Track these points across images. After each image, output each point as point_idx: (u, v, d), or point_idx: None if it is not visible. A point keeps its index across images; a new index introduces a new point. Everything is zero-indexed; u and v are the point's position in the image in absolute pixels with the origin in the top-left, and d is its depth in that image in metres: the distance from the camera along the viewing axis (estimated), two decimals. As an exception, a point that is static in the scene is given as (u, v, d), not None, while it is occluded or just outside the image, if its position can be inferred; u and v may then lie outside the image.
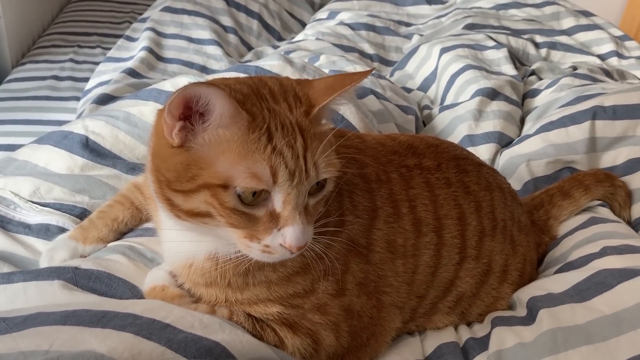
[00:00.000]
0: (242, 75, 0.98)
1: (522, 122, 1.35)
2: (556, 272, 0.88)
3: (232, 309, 0.70)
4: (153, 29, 1.66)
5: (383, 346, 0.77)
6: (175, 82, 1.01)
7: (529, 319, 0.78)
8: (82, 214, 0.87)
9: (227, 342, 0.66)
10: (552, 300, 0.78)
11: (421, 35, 1.82)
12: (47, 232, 0.84)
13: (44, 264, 0.79)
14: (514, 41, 1.64)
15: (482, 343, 0.78)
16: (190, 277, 0.71)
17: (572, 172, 1.11)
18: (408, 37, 1.86)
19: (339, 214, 0.70)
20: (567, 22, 1.85)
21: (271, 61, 1.02)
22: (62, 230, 0.85)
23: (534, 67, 1.55)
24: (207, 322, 0.67)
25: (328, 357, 0.72)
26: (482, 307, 0.85)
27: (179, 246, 0.69)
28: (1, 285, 0.73)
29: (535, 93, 1.42)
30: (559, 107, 1.24)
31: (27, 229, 0.85)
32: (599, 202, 1.02)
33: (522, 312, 0.81)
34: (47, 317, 0.66)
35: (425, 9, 2.04)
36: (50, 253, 0.80)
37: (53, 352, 0.60)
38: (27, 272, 0.75)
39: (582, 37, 1.77)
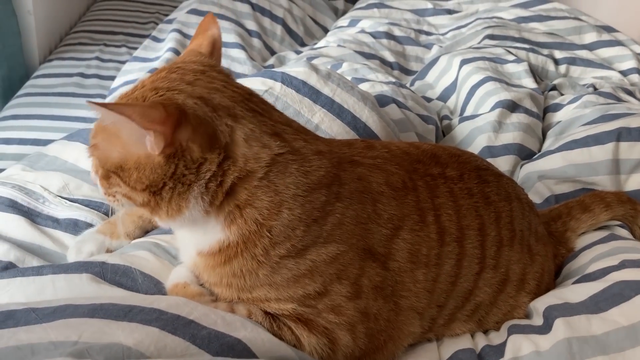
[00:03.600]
0: (269, 80, 1.01)
1: (543, 135, 1.35)
2: (574, 284, 0.89)
3: (250, 308, 0.72)
4: (179, 31, 1.68)
5: (399, 349, 0.78)
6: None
7: (545, 327, 0.79)
8: (109, 211, 0.89)
9: (248, 339, 0.68)
10: (569, 309, 0.79)
11: (441, 46, 1.83)
12: (75, 227, 0.87)
13: (71, 255, 0.82)
14: (534, 57, 1.65)
15: (498, 350, 0.79)
16: (202, 276, 0.74)
17: (591, 192, 1.10)
18: (428, 46, 1.87)
19: (356, 222, 0.72)
20: (589, 37, 1.84)
21: (297, 67, 1.04)
22: (90, 226, 0.87)
23: (555, 82, 1.56)
24: (230, 320, 0.69)
25: (345, 358, 0.73)
26: (499, 315, 0.86)
27: (182, 244, 0.75)
28: (30, 277, 0.76)
29: (557, 107, 1.42)
30: (583, 125, 1.24)
31: (56, 222, 0.87)
32: (619, 223, 1.02)
33: (538, 320, 0.81)
34: (75, 309, 0.68)
35: (445, 18, 2.05)
36: (78, 245, 0.82)
37: (82, 343, 0.62)
38: (57, 266, 0.77)
39: (603, 52, 1.77)
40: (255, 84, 1.00)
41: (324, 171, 0.70)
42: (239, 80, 1.03)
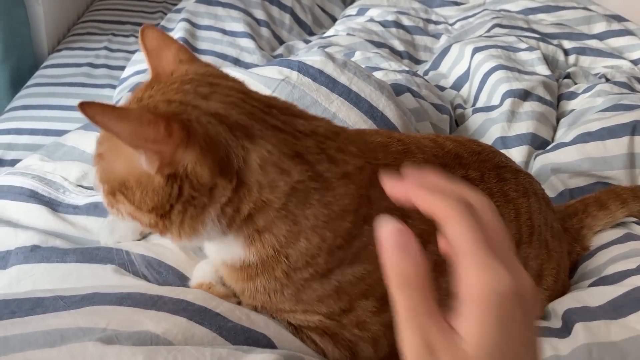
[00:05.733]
0: (285, 69, 1.01)
1: (557, 123, 1.35)
2: (590, 285, 0.88)
3: (274, 315, 0.70)
4: (188, 20, 1.68)
5: None
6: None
7: (564, 331, 0.78)
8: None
9: (272, 337, 0.68)
10: (588, 314, 0.78)
11: (449, 35, 1.83)
12: (95, 209, 0.85)
13: (103, 235, 0.81)
14: (544, 47, 1.64)
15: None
16: (226, 281, 0.72)
17: (607, 187, 1.09)
18: (437, 36, 1.86)
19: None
20: (599, 27, 1.84)
21: (313, 57, 1.04)
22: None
23: (569, 70, 1.55)
24: (254, 318, 0.69)
25: None
26: None
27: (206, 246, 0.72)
28: (54, 263, 0.76)
29: (571, 96, 1.42)
30: (596, 113, 1.24)
31: (77, 209, 0.87)
32: (634, 219, 1.01)
33: (557, 323, 0.81)
34: (103, 297, 0.69)
35: (452, 9, 2.05)
36: (111, 225, 0.81)
37: (110, 330, 0.62)
38: (80, 252, 0.77)
39: (613, 42, 1.76)
40: (272, 72, 1.00)
41: (349, 199, 0.64)
42: (253, 70, 1.04)
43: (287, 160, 0.60)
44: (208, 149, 0.57)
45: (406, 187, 0.42)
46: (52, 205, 0.87)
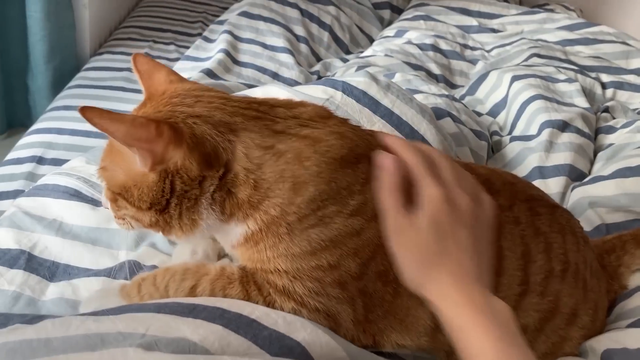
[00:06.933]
0: (330, 89, 1.02)
1: (595, 156, 1.34)
2: (629, 326, 0.87)
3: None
4: (230, 32, 1.70)
5: (411, 330, 0.75)
6: (266, 91, 1.05)
7: None
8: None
9: (307, 342, 0.68)
10: (628, 356, 0.78)
11: (486, 62, 1.83)
12: None
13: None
14: (582, 79, 1.63)
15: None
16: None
17: (645, 224, 1.07)
18: (473, 61, 1.87)
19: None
20: (637, 62, 1.83)
21: (357, 77, 1.04)
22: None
23: (608, 104, 1.55)
24: (290, 320, 0.69)
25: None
26: (548, 345, 0.84)
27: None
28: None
29: (609, 130, 1.41)
30: (636, 149, 1.22)
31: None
32: None
33: (595, 362, 0.80)
34: (140, 306, 0.70)
35: (490, 36, 2.05)
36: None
37: (149, 336, 0.62)
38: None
39: (651, 78, 1.75)
40: (317, 92, 1.01)
41: (346, 150, 0.69)
42: (298, 88, 1.05)
43: (269, 139, 0.67)
44: (194, 145, 0.65)
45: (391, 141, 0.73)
46: (94, 203, 0.89)
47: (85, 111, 0.61)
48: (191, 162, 0.65)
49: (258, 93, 1.04)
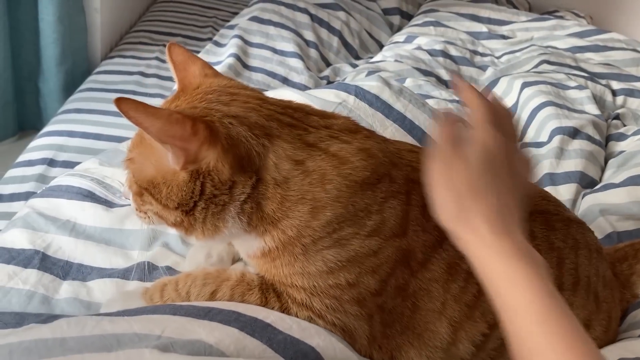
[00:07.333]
0: (342, 93, 1.02)
1: (605, 163, 1.33)
2: (641, 335, 0.87)
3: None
4: (241, 37, 1.71)
5: (428, 345, 0.75)
6: (280, 94, 1.05)
7: None
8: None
9: (321, 348, 0.68)
10: None
11: (495, 68, 1.83)
12: None
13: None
14: (592, 86, 1.63)
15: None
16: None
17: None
18: (483, 68, 1.86)
19: (403, 221, 0.70)
20: (647, 70, 1.83)
21: (370, 82, 1.05)
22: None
23: (618, 111, 1.54)
24: (305, 326, 0.70)
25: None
26: None
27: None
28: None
29: (620, 137, 1.41)
30: (648, 157, 1.23)
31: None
32: None
33: (610, 373, 0.79)
34: (156, 307, 0.70)
35: (499, 43, 2.05)
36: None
37: (165, 337, 0.63)
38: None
39: (663, 86, 1.75)
40: (329, 95, 1.02)
41: (370, 171, 0.68)
42: (311, 92, 1.06)
43: (300, 152, 0.66)
44: (229, 147, 0.63)
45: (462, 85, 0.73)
46: (108, 204, 0.90)
47: (121, 103, 0.58)
48: (224, 165, 0.63)
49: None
